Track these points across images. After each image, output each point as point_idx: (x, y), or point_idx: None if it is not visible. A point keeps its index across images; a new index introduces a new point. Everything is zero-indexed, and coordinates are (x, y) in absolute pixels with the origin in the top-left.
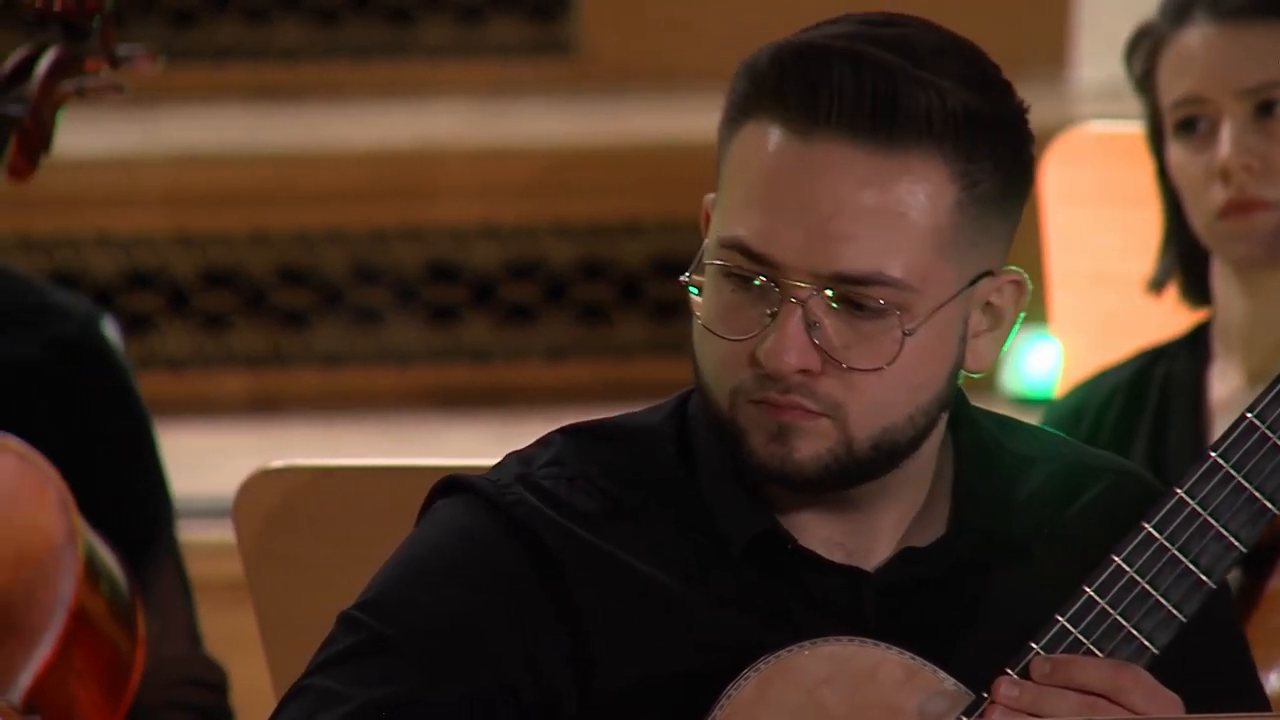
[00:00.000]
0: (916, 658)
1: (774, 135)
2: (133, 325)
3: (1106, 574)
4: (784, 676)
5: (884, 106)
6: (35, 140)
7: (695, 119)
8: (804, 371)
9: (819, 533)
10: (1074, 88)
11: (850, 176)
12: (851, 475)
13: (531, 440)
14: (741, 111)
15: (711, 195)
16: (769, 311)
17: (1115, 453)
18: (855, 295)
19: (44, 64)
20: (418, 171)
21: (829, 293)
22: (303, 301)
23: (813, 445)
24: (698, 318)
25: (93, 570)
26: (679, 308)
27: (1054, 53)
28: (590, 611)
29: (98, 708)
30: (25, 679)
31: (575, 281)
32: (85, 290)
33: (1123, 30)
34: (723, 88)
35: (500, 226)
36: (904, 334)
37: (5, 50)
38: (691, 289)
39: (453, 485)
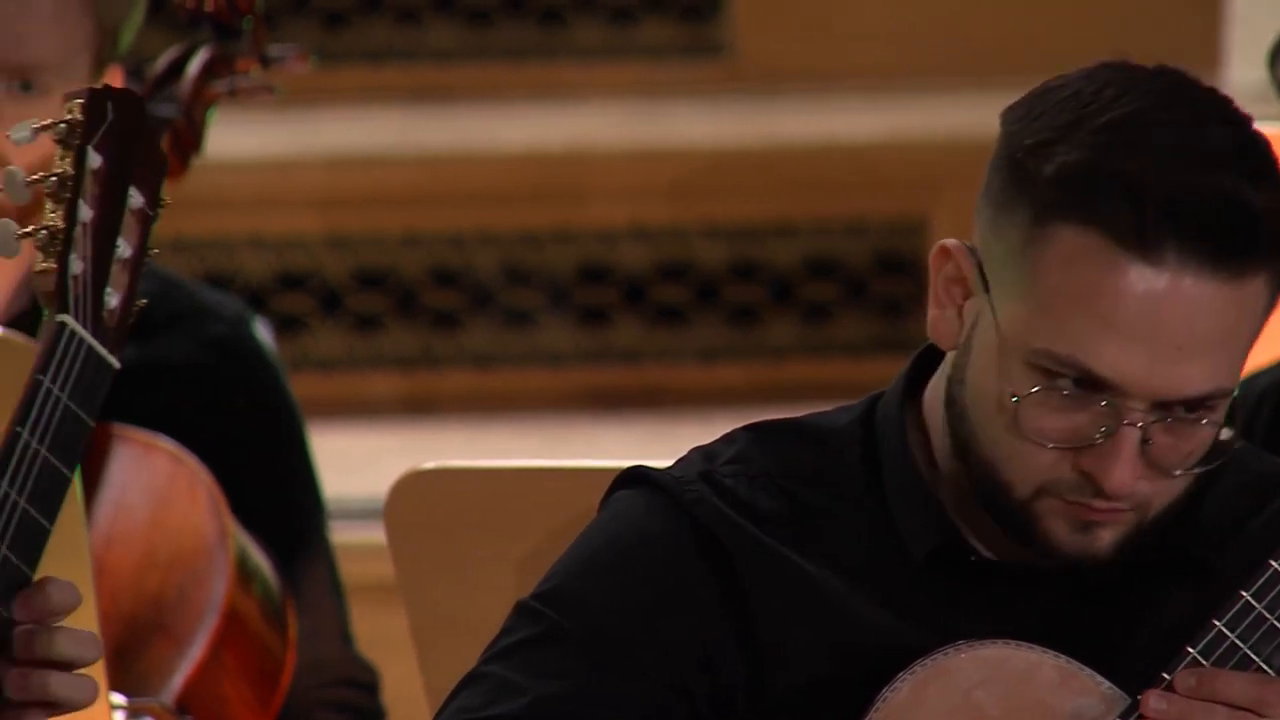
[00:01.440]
0: (1072, 661)
1: (1114, 256)
2: (285, 326)
3: (1263, 579)
4: (940, 679)
5: (1243, 239)
6: (187, 141)
7: (846, 120)
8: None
9: (1001, 545)
10: (1225, 89)
11: (1203, 307)
12: (1134, 547)
13: (682, 441)
14: (1055, 211)
15: (955, 243)
16: (1103, 429)
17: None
18: (1193, 414)
19: (195, 64)
20: (569, 173)
21: (1165, 416)
22: (454, 303)
23: (1114, 535)
24: (1012, 400)
25: (244, 571)
26: (830, 310)
27: (1206, 53)
28: (761, 612)
29: (249, 708)
30: (177, 680)
31: (726, 283)
32: (237, 292)
33: (1275, 30)
34: (872, 88)
35: (651, 228)
36: (1218, 428)
37: (157, 50)
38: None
39: (636, 477)
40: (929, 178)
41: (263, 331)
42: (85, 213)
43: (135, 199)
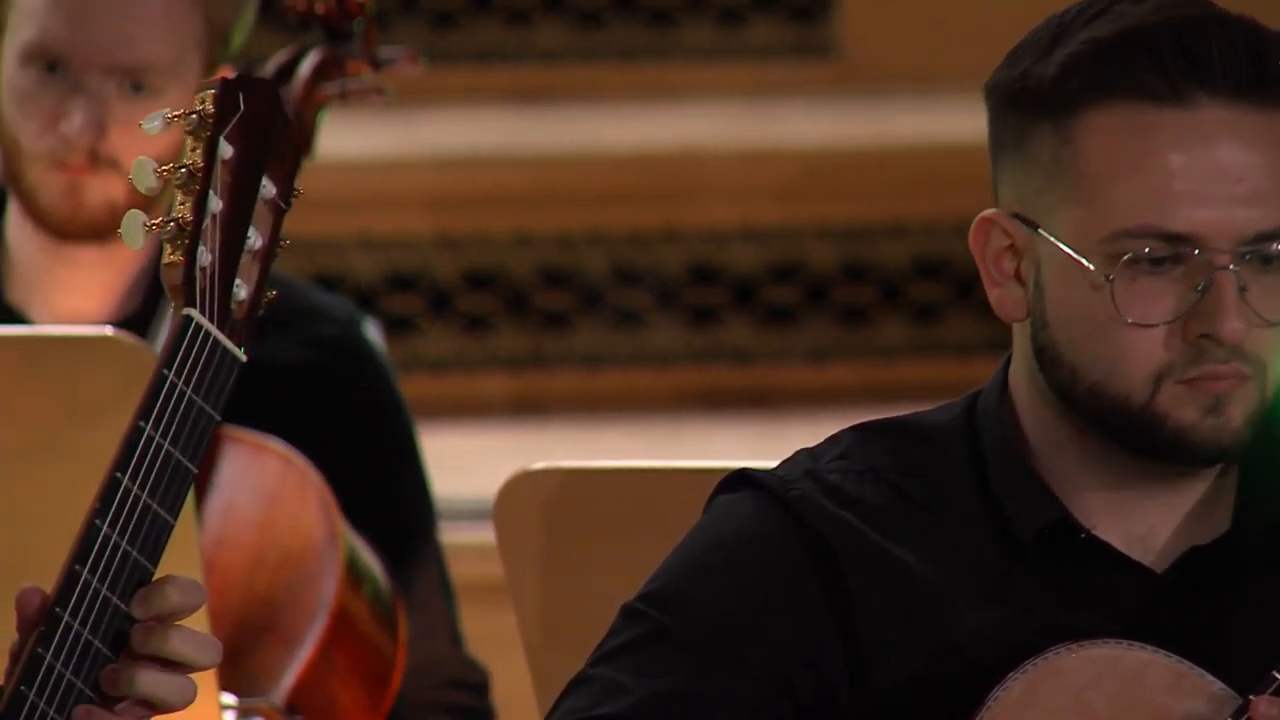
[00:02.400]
0: (1184, 661)
1: (1147, 116)
2: (394, 327)
3: None
4: (1051, 678)
5: (1258, 66)
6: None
7: (956, 120)
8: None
9: (1108, 526)
10: None
11: (1247, 138)
12: (1261, 429)
13: (791, 442)
14: (1075, 104)
15: (991, 211)
16: (1197, 287)
17: None
18: (1268, 251)
19: (306, 66)
20: (678, 173)
21: (1247, 254)
22: (564, 303)
23: (1243, 410)
24: (1106, 280)
25: (354, 572)
26: (940, 310)
27: None
28: (864, 609)
29: (359, 708)
30: (287, 680)
31: (836, 283)
32: (347, 292)
33: None
34: (982, 88)
35: (761, 228)
36: None
37: (268, 52)
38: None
39: (740, 480)
40: None
41: (373, 332)
42: (215, 204)
43: (268, 189)
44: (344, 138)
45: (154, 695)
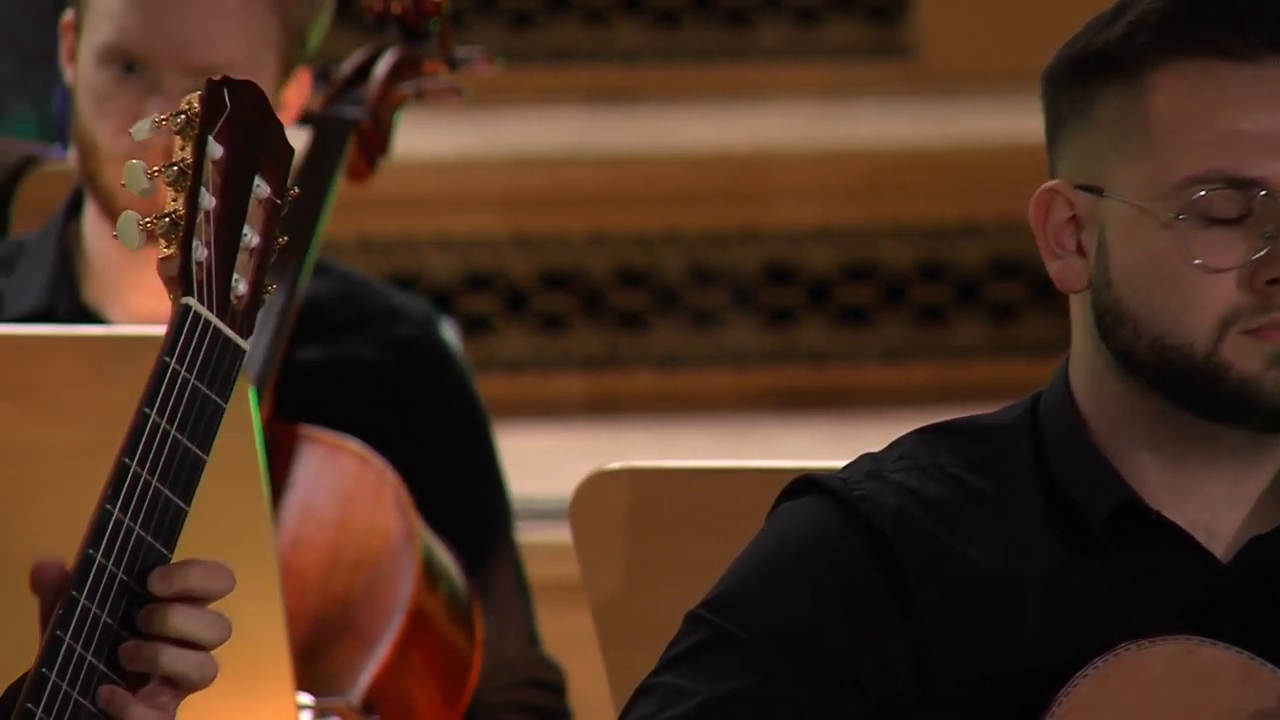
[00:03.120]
0: (1255, 657)
1: (1218, 71)
2: (471, 327)
3: None
4: (1122, 675)
5: None
6: (374, 142)
7: (1032, 120)
8: None
9: (1172, 512)
10: None
11: None
12: None
13: (866, 443)
14: (1144, 61)
15: (1053, 183)
16: (1266, 234)
17: None
18: None
19: (382, 66)
20: (755, 173)
21: None
22: (640, 303)
23: None
24: (1177, 219)
25: (431, 572)
26: (1017, 309)
27: None
28: (931, 609)
29: (435, 708)
30: (364, 679)
31: (912, 283)
32: (423, 292)
33: None
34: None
35: (837, 228)
36: None
37: (344, 52)
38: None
39: (803, 485)
40: None
41: (450, 332)
42: (207, 201)
43: (261, 188)
44: (421, 137)
45: (174, 671)
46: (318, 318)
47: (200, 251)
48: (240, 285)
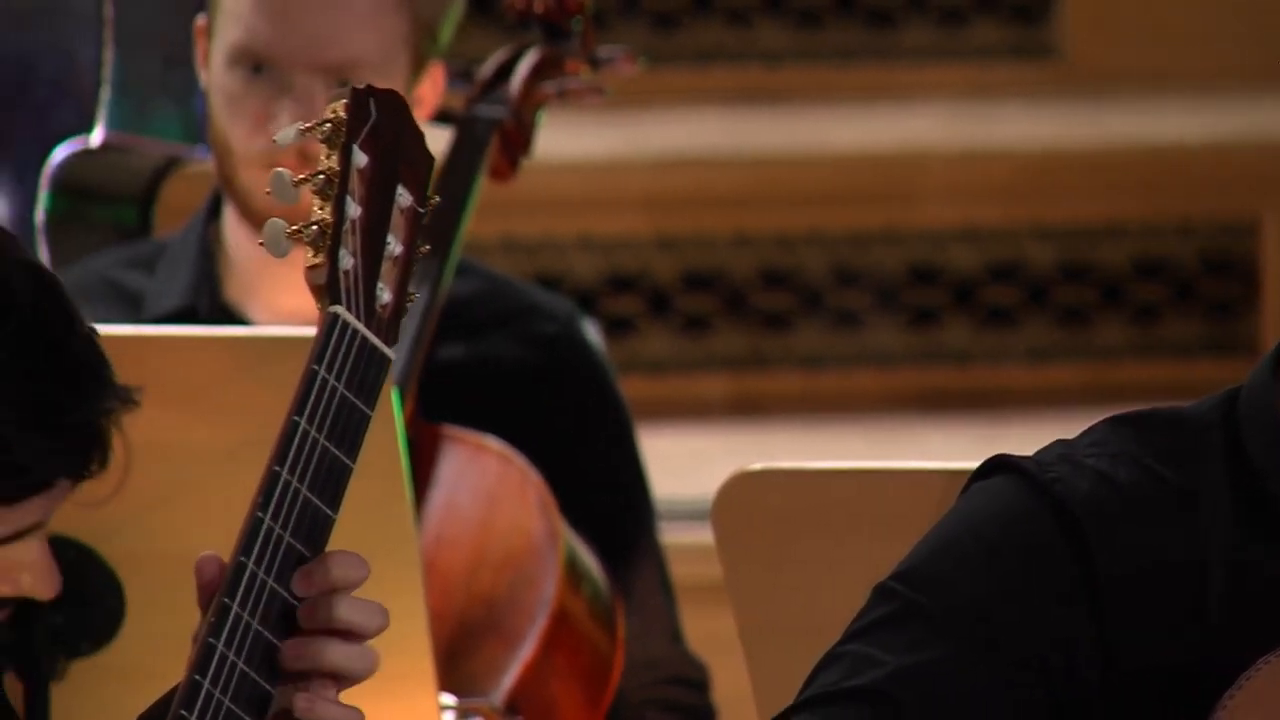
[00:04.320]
0: None
1: None
2: (614, 328)
3: None
4: None
5: None
6: (516, 142)
7: (1176, 121)
8: None
9: None
10: None
11: None
12: None
13: (1010, 443)
14: None
15: None
16: None
17: None
18: None
19: (524, 66)
20: (898, 174)
21: None
22: (783, 304)
23: None
24: None
25: (574, 572)
26: (1161, 310)
27: None
28: (1120, 595)
29: (578, 708)
30: (507, 680)
31: (1056, 284)
32: (566, 293)
33: None
34: (1203, 89)
35: (981, 229)
36: None
37: (486, 52)
38: None
39: (996, 465)
40: (1261, 179)
41: (593, 332)
42: (353, 209)
43: (404, 197)
44: (563, 138)
45: (338, 665)
46: (460, 317)
47: (347, 260)
48: (385, 294)
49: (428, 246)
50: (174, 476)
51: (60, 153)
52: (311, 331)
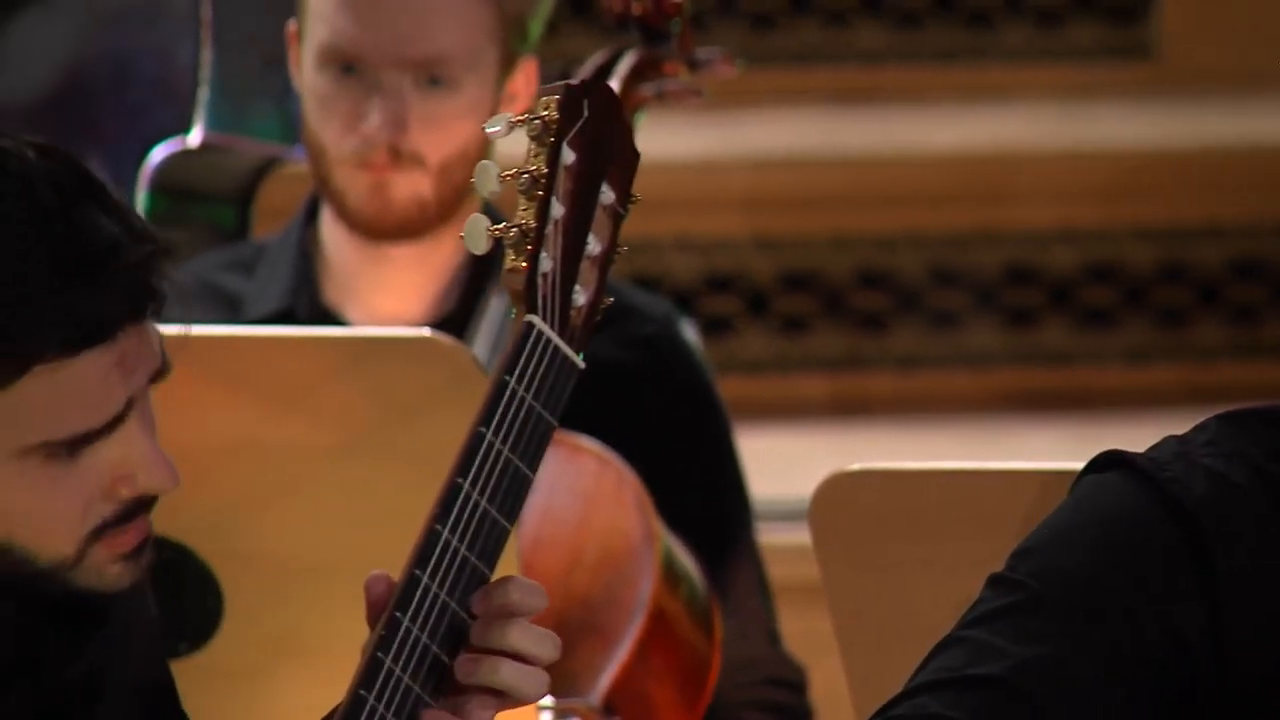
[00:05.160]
0: None
1: None
2: (712, 328)
3: None
4: None
5: None
6: None
7: (1275, 121)
8: None
9: None
10: None
11: None
12: None
13: (1108, 444)
14: None
15: None
16: None
17: None
18: None
19: (622, 67)
20: (996, 175)
21: None
22: (881, 304)
23: None
24: None
25: (671, 572)
26: (1259, 311)
27: None
28: (1237, 595)
29: (675, 709)
30: (604, 680)
31: (1154, 284)
32: (665, 294)
33: None
34: None
35: (1079, 229)
36: None
37: (584, 54)
38: None
39: (1110, 460)
40: None
41: (691, 332)
42: (557, 210)
43: (607, 195)
44: (661, 139)
45: (511, 685)
46: None
47: (546, 264)
48: (580, 297)
49: (626, 246)
50: (272, 476)
51: (158, 153)
52: (410, 332)
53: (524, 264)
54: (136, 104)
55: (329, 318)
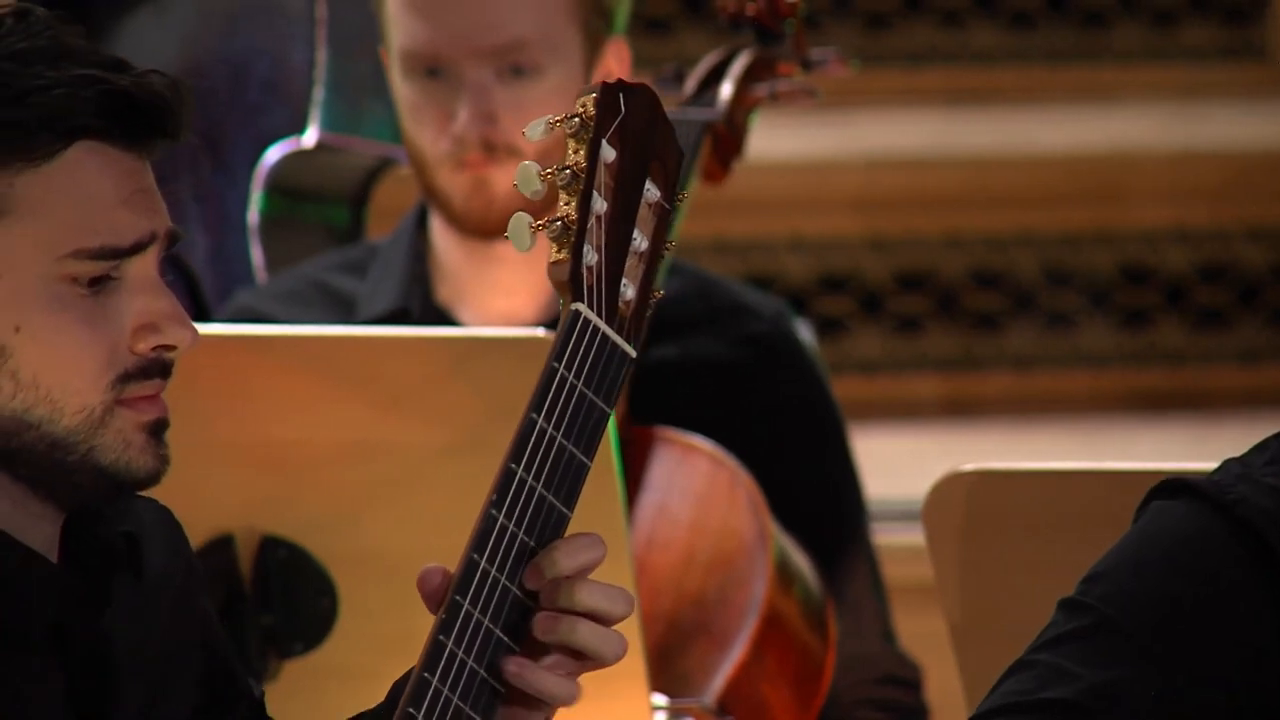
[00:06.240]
0: None
1: None
2: (825, 328)
3: None
4: None
5: None
6: (728, 144)
7: None
8: None
9: None
10: None
11: None
12: None
13: (1223, 444)
14: None
15: None
16: None
17: None
18: None
19: (736, 68)
20: (1110, 175)
21: None
22: (995, 304)
23: None
24: None
25: (785, 573)
26: None
27: None
28: None
29: (788, 710)
30: (718, 681)
31: (1267, 285)
32: (778, 294)
33: None
34: None
35: (1192, 230)
36: None
37: (698, 54)
38: None
39: (1173, 486)
40: None
41: (804, 331)
42: (599, 205)
43: (651, 192)
44: (775, 139)
45: (589, 644)
46: (669, 317)
47: (590, 256)
48: (628, 290)
49: (673, 242)
50: (386, 476)
51: (273, 154)
52: (521, 332)
53: (567, 256)
54: (251, 105)
55: (441, 318)
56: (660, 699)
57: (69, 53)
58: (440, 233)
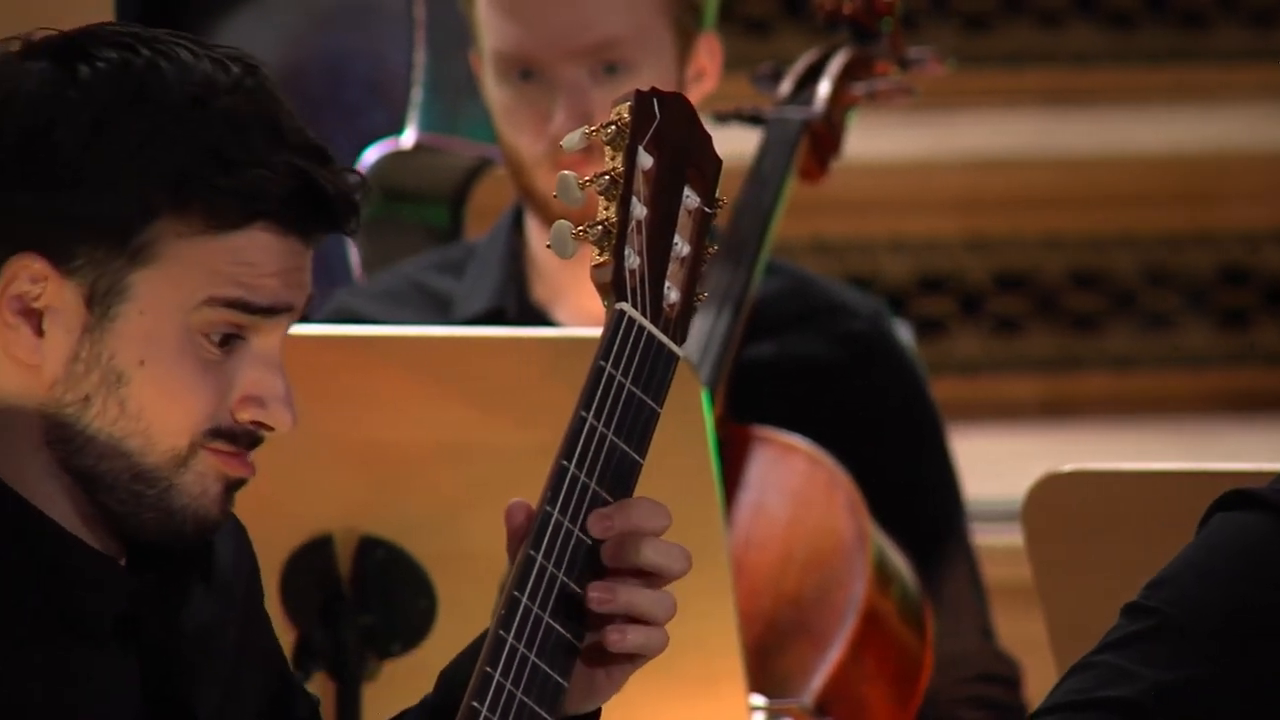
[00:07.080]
0: None
1: None
2: (925, 329)
3: None
4: None
5: None
6: (826, 143)
7: None
8: None
9: None
10: None
11: None
12: None
13: None
14: None
15: None
16: None
17: None
18: None
19: (833, 67)
20: (1209, 175)
21: None
22: (1094, 305)
23: None
24: None
25: (883, 573)
26: None
27: None
28: None
29: (887, 710)
30: (817, 681)
31: None
32: (877, 294)
33: None
34: None
35: None
36: None
37: (795, 53)
38: None
39: (1237, 498)
40: None
41: (903, 331)
42: (638, 210)
43: (690, 199)
44: (874, 139)
45: (641, 609)
46: (767, 316)
47: (632, 259)
48: (672, 294)
49: (715, 247)
50: (484, 476)
51: (372, 154)
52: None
53: (609, 259)
54: (350, 105)
55: (538, 317)
56: (759, 699)
57: (281, 131)
58: (536, 233)
